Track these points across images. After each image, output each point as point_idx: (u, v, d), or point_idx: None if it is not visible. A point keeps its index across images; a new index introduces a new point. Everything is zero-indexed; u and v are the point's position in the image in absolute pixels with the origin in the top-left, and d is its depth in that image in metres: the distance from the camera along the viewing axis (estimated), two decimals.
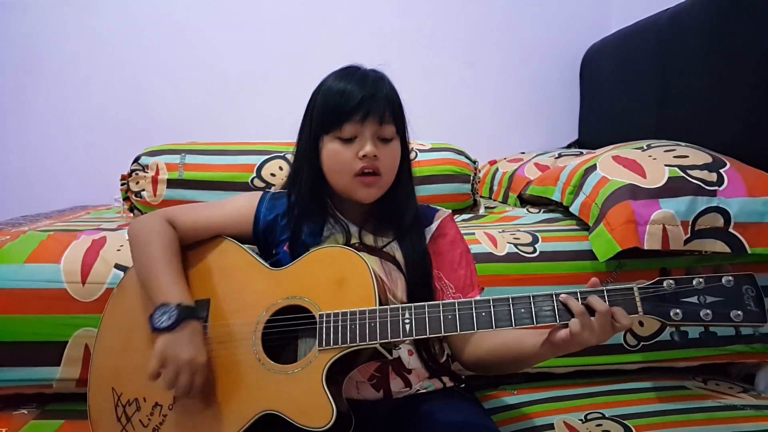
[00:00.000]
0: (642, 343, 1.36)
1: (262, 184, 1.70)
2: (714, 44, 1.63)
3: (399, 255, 1.01)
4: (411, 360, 1.01)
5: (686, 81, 1.77)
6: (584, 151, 2.12)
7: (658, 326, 1.35)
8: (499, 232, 1.45)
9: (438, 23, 2.57)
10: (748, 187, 1.31)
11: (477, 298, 0.88)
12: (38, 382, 1.26)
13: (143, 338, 0.97)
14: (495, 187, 2.25)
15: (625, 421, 1.19)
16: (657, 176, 1.35)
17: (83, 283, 1.24)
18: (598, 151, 1.69)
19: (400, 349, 0.99)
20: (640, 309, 0.80)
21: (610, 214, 1.32)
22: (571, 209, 1.53)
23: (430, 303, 0.86)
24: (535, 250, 1.38)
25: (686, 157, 1.41)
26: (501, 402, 1.30)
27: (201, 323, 0.93)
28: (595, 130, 2.51)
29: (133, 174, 1.73)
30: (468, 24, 2.58)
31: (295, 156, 1.06)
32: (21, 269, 1.26)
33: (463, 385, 1.06)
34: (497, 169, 2.29)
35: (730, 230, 1.28)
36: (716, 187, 1.31)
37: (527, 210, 1.79)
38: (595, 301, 0.81)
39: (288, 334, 0.92)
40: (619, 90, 2.23)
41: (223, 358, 0.93)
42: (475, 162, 1.86)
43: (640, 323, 1.35)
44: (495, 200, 2.22)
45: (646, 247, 1.26)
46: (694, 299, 0.79)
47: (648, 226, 1.27)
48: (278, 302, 0.93)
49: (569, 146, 2.58)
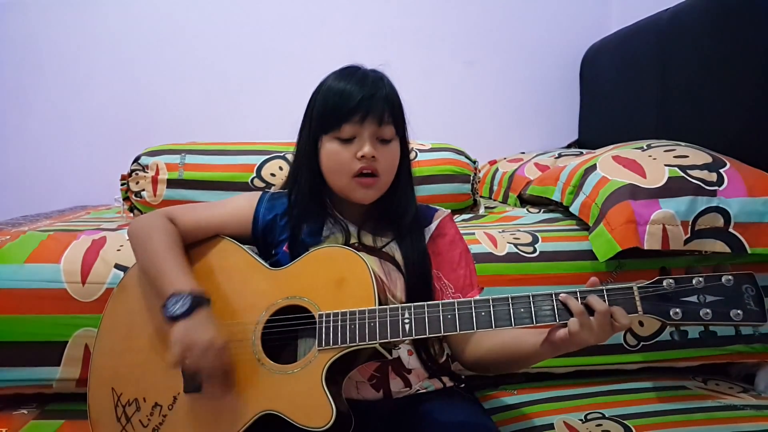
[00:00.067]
0: (642, 343, 1.36)
1: (262, 184, 1.70)
2: (714, 44, 1.63)
3: (398, 255, 1.01)
4: (411, 360, 1.01)
5: (686, 81, 1.77)
6: (584, 151, 2.12)
7: (658, 326, 1.35)
8: (499, 232, 1.45)
9: (438, 23, 2.57)
10: (748, 187, 1.31)
11: (476, 297, 0.88)
12: (38, 382, 1.26)
13: (143, 338, 0.97)
14: (495, 187, 2.25)
15: (625, 421, 1.19)
16: (657, 176, 1.35)
17: (83, 283, 1.24)
18: (598, 151, 1.69)
19: (399, 349, 0.99)
20: (639, 308, 0.80)
21: (610, 214, 1.32)
22: (571, 209, 1.53)
23: (429, 303, 0.86)
24: (535, 250, 1.38)
25: (686, 157, 1.41)
26: (501, 402, 1.30)
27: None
28: (595, 130, 2.51)
29: (133, 174, 1.72)
30: (468, 24, 2.58)
31: (294, 156, 1.06)
32: (21, 269, 1.26)
33: (462, 385, 1.06)
34: (497, 169, 2.29)
35: (730, 230, 1.28)
36: (716, 187, 1.31)
37: (527, 210, 1.79)
38: (594, 300, 0.81)
39: (287, 334, 0.92)
40: (619, 90, 2.23)
41: None
42: (475, 162, 1.86)
43: (640, 323, 1.35)
44: (495, 200, 2.22)
45: (646, 247, 1.26)
46: (693, 298, 0.79)
47: (648, 226, 1.27)
48: (278, 302, 0.93)
49: (569, 146, 2.57)
